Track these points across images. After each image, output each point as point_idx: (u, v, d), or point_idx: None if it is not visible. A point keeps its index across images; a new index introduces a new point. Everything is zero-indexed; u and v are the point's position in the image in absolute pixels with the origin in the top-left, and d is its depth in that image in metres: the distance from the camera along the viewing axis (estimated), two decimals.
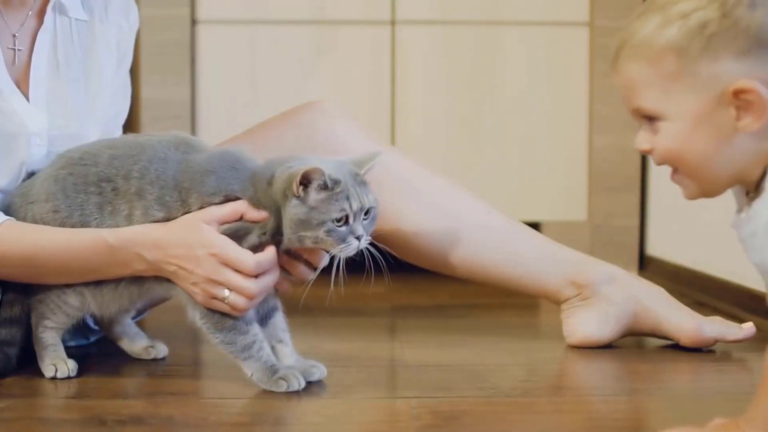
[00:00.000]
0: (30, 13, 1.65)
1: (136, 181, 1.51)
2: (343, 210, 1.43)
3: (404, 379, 1.62)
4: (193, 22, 2.52)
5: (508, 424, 1.36)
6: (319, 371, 1.53)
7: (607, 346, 1.73)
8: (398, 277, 2.34)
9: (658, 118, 1.21)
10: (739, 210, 1.27)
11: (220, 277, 1.46)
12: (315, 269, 1.51)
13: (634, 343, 1.77)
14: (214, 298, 1.47)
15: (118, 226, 1.51)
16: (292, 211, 1.44)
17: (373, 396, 1.50)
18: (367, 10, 2.56)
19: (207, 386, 1.48)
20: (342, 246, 1.44)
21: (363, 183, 1.47)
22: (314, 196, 1.43)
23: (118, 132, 1.78)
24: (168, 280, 1.51)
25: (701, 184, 1.25)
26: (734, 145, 1.20)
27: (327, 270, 1.48)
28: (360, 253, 1.46)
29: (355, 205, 1.44)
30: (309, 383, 1.50)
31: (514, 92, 2.63)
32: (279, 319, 1.55)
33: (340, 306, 2.17)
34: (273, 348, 1.52)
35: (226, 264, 1.46)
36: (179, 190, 1.50)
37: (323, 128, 1.75)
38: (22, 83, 1.62)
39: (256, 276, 1.47)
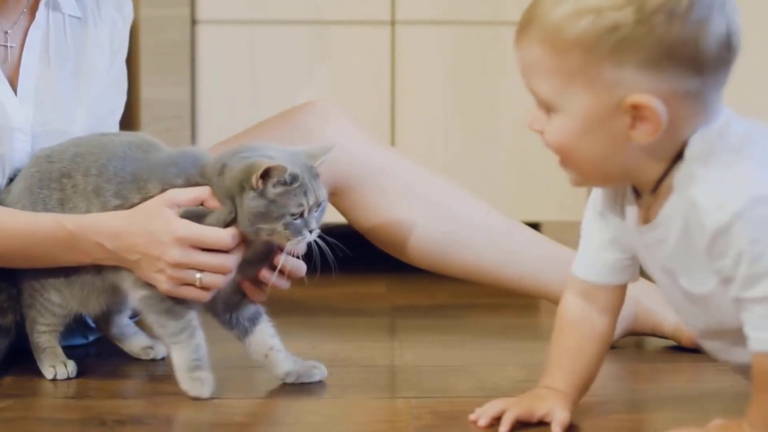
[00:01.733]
0: (24, 10, 1.65)
1: (94, 179, 1.52)
2: (301, 205, 1.43)
3: (404, 379, 1.62)
4: (193, 22, 2.52)
5: None
6: (320, 372, 1.53)
7: None
8: (398, 277, 2.34)
9: (553, 109, 1.18)
10: (621, 209, 1.24)
11: (191, 259, 1.45)
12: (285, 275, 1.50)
13: (634, 343, 1.77)
14: (184, 283, 1.46)
15: None
16: (251, 203, 1.43)
17: (373, 396, 1.50)
18: (366, 11, 2.56)
19: None
20: (298, 239, 1.44)
21: (316, 176, 1.47)
22: (273, 189, 1.43)
23: (114, 130, 1.78)
24: (122, 269, 1.50)
25: (587, 179, 1.22)
26: (624, 152, 1.16)
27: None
28: (309, 245, 1.47)
29: (312, 200, 1.44)
30: (309, 384, 1.51)
31: (514, 92, 2.62)
32: (265, 326, 1.53)
33: (340, 306, 2.17)
34: (265, 357, 1.52)
35: (196, 245, 1.45)
36: (137, 182, 1.50)
37: (320, 129, 1.76)
38: (14, 80, 1.63)
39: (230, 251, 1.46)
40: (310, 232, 1.45)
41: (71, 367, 1.57)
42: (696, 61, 1.12)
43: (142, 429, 1.35)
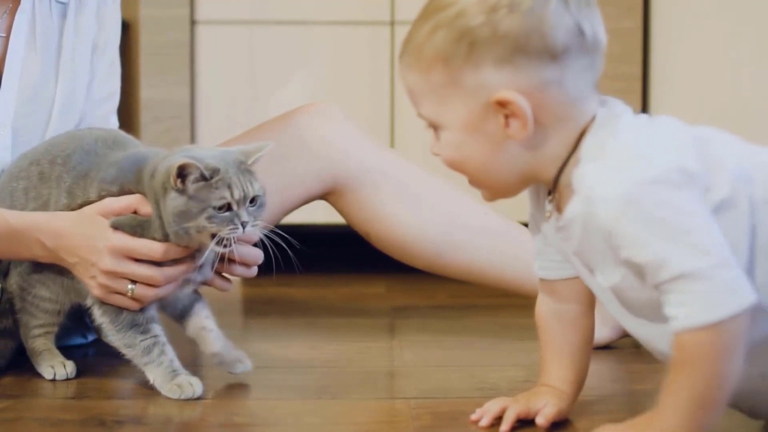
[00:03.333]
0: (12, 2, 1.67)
1: (59, 168, 1.53)
2: (223, 198, 1.41)
3: (404, 379, 1.62)
4: (193, 22, 2.52)
5: None
6: (243, 366, 1.53)
7: (606, 347, 1.73)
8: (398, 277, 2.34)
9: (438, 127, 1.21)
10: (545, 209, 1.25)
11: (123, 269, 1.46)
12: (249, 266, 1.51)
13: (633, 343, 1.77)
14: (115, 292, 1.47)
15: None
16: (172, 203, 1.42)
17: (373, 396, 1.50)
18: (366, 10, 2.56)
19: (206, 386, 1.48)
20: (230, 227, 1.41)
21: (248, 171, 1.45)
22: (192, 186, 1.42)
23: (112, 117, 1.79)
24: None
25: (491, 190, 1.24)
26: (508, 152, 1.18)
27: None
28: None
29: (237, 193, 1.42)
30: (308, 384, 1.51)
31: None
32: (200, 307, 1.54)
33: (340, 306, 2.18)
34: (198, 335, 1.52)
35: (129, 255, 1.46)
36: (86, 181, 1.51)
37: (317, 131, 1.76)
38: (0, 68, 1.64)
39: (163, 264, 1.46)
40: (243, 224, 1.42)
41: (70, 367, 1.57)
42: (547, 49, 1.15)
43: (141, 429, 1.35)
